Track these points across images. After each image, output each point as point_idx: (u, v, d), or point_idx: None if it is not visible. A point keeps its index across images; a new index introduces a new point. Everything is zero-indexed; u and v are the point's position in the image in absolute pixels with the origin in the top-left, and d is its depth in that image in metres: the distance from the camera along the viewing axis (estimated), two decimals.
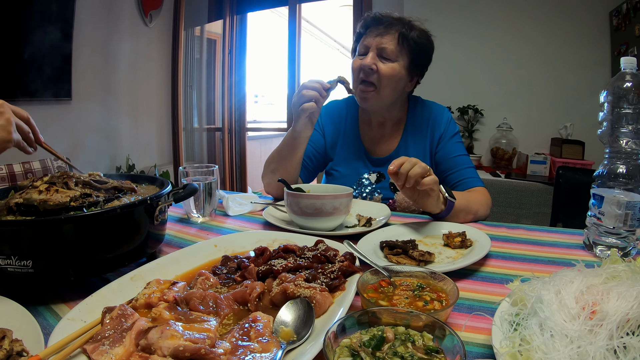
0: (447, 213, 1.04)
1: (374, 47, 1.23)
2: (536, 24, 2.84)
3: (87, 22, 3.10)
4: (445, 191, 1.03)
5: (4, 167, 2.10)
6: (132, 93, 3.62)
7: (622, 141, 0.80)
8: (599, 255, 0.84)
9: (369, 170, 1.39)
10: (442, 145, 1.32)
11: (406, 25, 1.24)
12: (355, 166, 1.40)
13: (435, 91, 3.09)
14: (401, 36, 1.22)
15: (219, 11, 4.10)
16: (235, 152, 4.31)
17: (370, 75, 1.23)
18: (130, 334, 0.49)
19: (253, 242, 0.87)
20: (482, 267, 0.81)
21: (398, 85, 1.26)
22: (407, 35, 1.23)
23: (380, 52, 1.23)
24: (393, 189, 1.35)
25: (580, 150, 2.61)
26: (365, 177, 1.39)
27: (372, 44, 1.24)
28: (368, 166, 1.40)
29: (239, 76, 4.16)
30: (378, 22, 1.25)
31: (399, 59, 1.24)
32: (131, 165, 3.41)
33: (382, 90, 1.25)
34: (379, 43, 1.23)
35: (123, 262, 0.73)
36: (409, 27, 1.24)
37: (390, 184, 1.36)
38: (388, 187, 1.36)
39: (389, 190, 1.36)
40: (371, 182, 1.38)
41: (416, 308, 0.57)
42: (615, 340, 0.42)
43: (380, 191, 1.37)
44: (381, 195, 1.36)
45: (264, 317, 0.55)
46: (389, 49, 1.22)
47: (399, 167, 0.95)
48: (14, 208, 0.70)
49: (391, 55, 1.23)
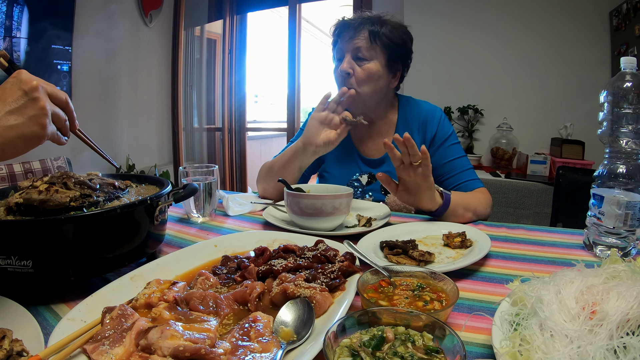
0: (445, 209, 1.04)
1: (348, 51, 1.24)
2: (536, 24, 2.84)
3: (87, 22, 3.10)
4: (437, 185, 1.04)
5: (4, 167, 2.10)
6: (132, 93, 3.62)
7: (622, 141, 0.80)
8: (599, 255, 0.84)
9: (360, 171, 1.38)
10: (436, 149, 1.31)
11: (376, 23, 1.24)
12: (347, 167, 1.40)
13: (435, 91, 3.10)
14: (372, 34, 1.22)
15: (219, 11, 4.10)
16: (235, 152, 4.31)
17: (349, 79, 1.24)
18: (130, 334, 0.49)
19: (253, 242, 0.87)
20: (482, 267, 0.81)
21: (378, 83, 1.26)
22: (377, 32, 1.22)
23: (355, 54, 1.24)
24: (384, 192, 1.34)
25: (580, 150, 2.61)
26: (355, 178, 1.38)
27: (346, 48, 1.25)
28: (360, 167, 1.39)
29: (239, 76, 4.16)
30: (348, 26, 1.25)
31: (374, 58, 1.23)
32: (131, 165, 3.41)
33: (363, 91, 1.25)
34: (352, 46, 1.23)
35: (123, 262, 0.73)
36: (379, 24, 1.24)
37: (381, 187, 1.36)
38: (379, 189, 1.36)
39: (379, 193, 1.35)
40: (362, 184, 1.37)
41: (416, 308, 0.57)
42: (615, 340, 0.42)
43: (371, 193, 1.36)
44: (372, 198, 1.35)
45: (264, 317, 0.55)
46: (363, 48, 1.22)
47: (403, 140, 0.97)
48: (14, 208, 0.70)
49: (366, 55, 1.23)
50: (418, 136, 1.33)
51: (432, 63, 3.06)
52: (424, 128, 1.33)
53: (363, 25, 1.23)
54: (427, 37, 2.98)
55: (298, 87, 3.84)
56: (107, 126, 3.35)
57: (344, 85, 1.26)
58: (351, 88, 1.24)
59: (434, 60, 3.07)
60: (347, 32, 1.25)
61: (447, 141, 1.31)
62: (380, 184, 1.35)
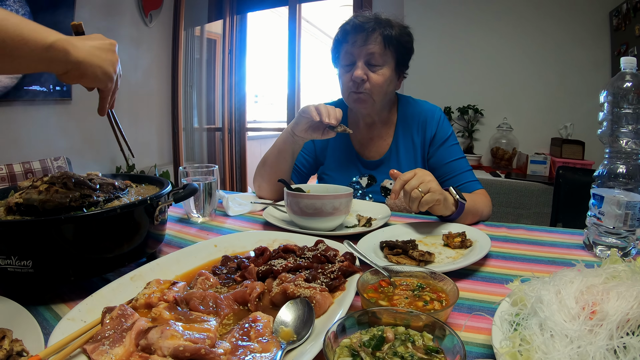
0: (458, 215, 1.02)
1: (361, 57, 1.20)
2: (536, 24, 2.84)
3: (87, 22, 3.04)
4: (455, 193, 1.01)
5: (4, 167, 2.10)
6: (132, 93, 3.61)
7: (622, 141, 0.80)
8: (599, 255, 0.84)
9: (360, 173, 1.38)
10: (435, 150, 1.30)
11: (387, 26, 1.20)
12: (347, 169, 1.39)
13: (435, 91, 3.10)
14: (385, 39, 1.19)
15: (219, 11, 4.10)
16: (235, 152, 4.31)
17: (362, 86, 1.22)
18: (130, 334, 0.49)
19: (253, 242, 0.87)
20: (482, 267, 0.81)
21: (389, 88, 1.26)
22: (390, 37, 1.19)
23: (368, 60, 1.20)
24: (384, 194, 1.34)
25: (580, 150, 2.61)
26: (355, 180, 1.38)
27: (358, 54, 1.20)
28: (360, 169, 1.38)
29: (239, 76, 4.16)
30: (360, 29, 1.19)
31: (386, 63, 1.22)
32: (131, 165, 3.41)
33: (376, 96, 1.24)
34: (365, 51, 1.19)
35: (123, 262, 0.73)
36: (389, 27, 1.20)
37: (381, 189, 1.35)
38: (379, 191, 1.35)
39: (379, 195, 1.35)
40: (362, 186, 1.37)
41: (416, 308, 0.57)
42: (615, 340, 0.42)
43: (371, 195, 1.36)
44: (372, 200, 1.34)
45: (264, 317, 0.55)
46: (377, 54, 1.19)
47: (404, 183, 0.94)
48: (14, 208, 0.70)
49: (379, 61, 1.20)
50: (417, 136, 1.33)
51: (432, 63, 3.05)
52: (423, 128, 1.32)
53: (376, 29, 1.18)
54: (427, 37, 2.98)
55: (298, 87, 3.84)
56: (107, 126, 3.34)
57: (356, 92, 1.23)
58: (362, 93, 1.22)
59: (434, 60, 3.07)
60: (359, 35, 1.19)
61: (446, 142, 1.30)
62: (380, 186, 1.35)
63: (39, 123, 2.78)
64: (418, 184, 0.93)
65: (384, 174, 1.35)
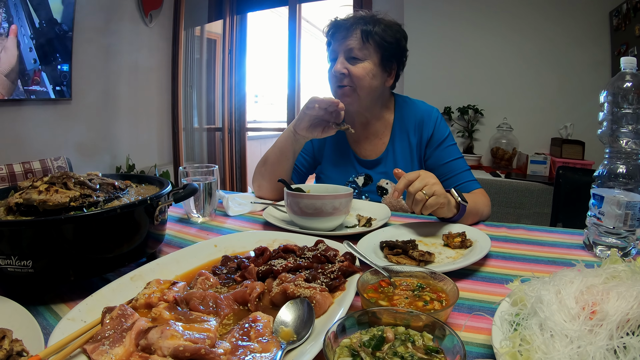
0: (460, 217, 1.02)
1: (341, 51, 1.24)
2: (536, 24, 2.84)
3: (87, 22, 3.10)
4: (457, 195, 1.01)
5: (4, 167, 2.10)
6: (132, 93, 3.61)
7: (622, 141, 0.80)
8: (599, 255, 0.84)
9: (356, 172, 1.38)
10: (433, 151, 1.30)
11: (369, 22, 1.23)
12: (343, 168, 1.39)
13: (435, 91, 3.10)
14: (364, 34, 1.22)
15: (219, 11, 4.10)
16: (235, 152, 4.31)
17: (343, 80, 1.24)
18: (130, 334, 0.49)
19: (253, 242, 0.87)
20: (482, 267, 0.81)
21: (373, 82, 1.26)
22: (370, 32, 1.22)
23: (348, 55, 1.24)
24: (380, 193, 1.34)
25: (580, 150, 2.61)
26: (351, 180, 1.38)
27: (339, 49, 1.25)
28: (356, 168, 1.38)
29: (239, 76, 4.16)
30: (340, 27, 1.25)
31: (367, 58, 1.23)
32: (131, 165, 3.41)
33: (359, 90, 1.24)
34: (345, 46, 1.23)
35: (123, 262, 0.73)
36: (372, 23, 1.23)
37: (377, 188, 1.35)
38: (375, 190, 1.35)
39: (376, 194, 1.35)
40: (358, 185, 1.37)
41: (416, 308, 0.57)
42: (615, 340, 0.42)
43: (367, 195, 1.36)
44: (368, 199, 1.34)
45: (264, 317, 0.55)
46: (355, 49, 1.22)
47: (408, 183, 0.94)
48: (14, 208, 0.70)
49: (359, 55, 1.23)
50: (414, 137, 1.33)
51: (432, 63, 3.05)
52: (420, 128, 1.32)
53: (355, 26, 1.23)
54: (427, 36, 2.98)
55: (298, 87, 3.84)
56: (107, 126, 3.36)
57: (339, 85, 1.26)
58: (345, 87, 1.24)
59: (434, 59, 3.07)
60: (340, 32, 1.25)
61: (444, 142, 1.30)
62: (376, 185, 1.35)
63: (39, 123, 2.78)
64: (422, 186, 0.93)
65: (380, 174, 1.35)
